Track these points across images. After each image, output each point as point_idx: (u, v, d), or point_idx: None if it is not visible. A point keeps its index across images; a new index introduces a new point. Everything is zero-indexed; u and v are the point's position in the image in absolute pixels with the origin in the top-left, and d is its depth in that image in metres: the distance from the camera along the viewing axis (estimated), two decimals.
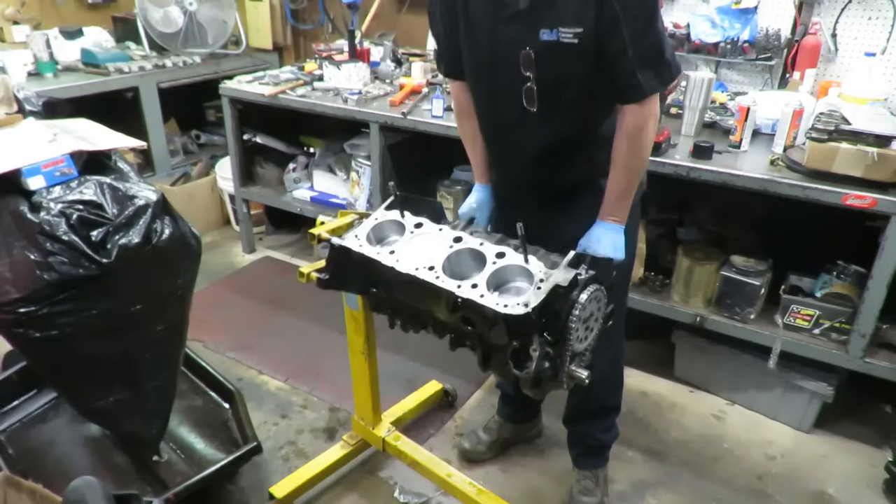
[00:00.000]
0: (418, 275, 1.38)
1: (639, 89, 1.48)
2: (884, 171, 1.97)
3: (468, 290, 1.33)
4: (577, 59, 1.46)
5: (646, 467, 2.29)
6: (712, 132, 2.50)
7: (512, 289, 1.37)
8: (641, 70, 1.45)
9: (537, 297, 1.27)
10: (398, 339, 1.97)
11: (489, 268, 1.36)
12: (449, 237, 1.45)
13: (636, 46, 1.43)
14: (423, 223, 1.51)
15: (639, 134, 1.55)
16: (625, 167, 1.57)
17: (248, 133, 3.51)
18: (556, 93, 1.52)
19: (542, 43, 1.46)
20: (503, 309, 1.28)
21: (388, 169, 2.98)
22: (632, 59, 1.44)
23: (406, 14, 3.90)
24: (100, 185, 1.69)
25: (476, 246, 1.41)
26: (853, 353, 2.19)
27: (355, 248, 1.48)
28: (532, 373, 1.33)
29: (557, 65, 1.48)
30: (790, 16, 2.83)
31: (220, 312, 3.13)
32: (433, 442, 2.38)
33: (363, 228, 1.53)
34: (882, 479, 2.21)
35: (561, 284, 1.28)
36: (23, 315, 1.60)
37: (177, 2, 3.74)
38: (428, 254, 1.42)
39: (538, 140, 1.62)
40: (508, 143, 1.69)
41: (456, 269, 1.40)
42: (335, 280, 1.59)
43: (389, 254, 1.45)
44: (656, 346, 2.81)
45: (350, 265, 1.53)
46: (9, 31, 3.69)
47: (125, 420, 1.92)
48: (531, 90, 1.52)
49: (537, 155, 1.65)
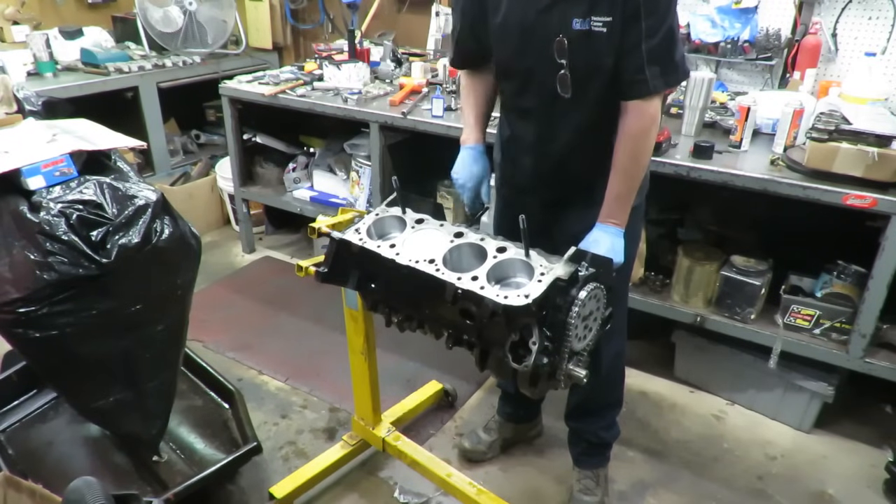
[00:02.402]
0: (418, 267, 1.39)
1: (644, 85, 1.51)
2: (884, 171, 1.96)
3: (468, 282, 1.33)
4: (605, 48, 1.50)
5: (646, 467, 2.29)
6: (712, 132, 2.50)
7: (512, 283, 1.37)
8: (650, 65, 1.49)
9: (538, 289, 1.28)
10: (398, 339, 1.97)
11: (490, 262, 1.37)
12: (450, 232, 1.45)
13: (650, 40, 1.47)
14: (425, 219, 1.51)
15: (639, 137, 1.56)
16: (623, 171, 1.59)
17: (248, 133, 3.51)
18: (587, 80, 1.56)
19: (575, 31, 1.50)
20: (503, 300, 1.28)
21: (388, 169, 2.97)
22: (643, 52, 1.48)
23: (406, 14, 3.90)
24: (100, 184, 1.69)
25: (477, 241, 1.41)
26: (853, 353, 2.19)
27: (356, 242, 1.49)
28: (530, 367, 1.32)
29: (588, 53, 1.52)
30: (790, 15, 2.83)
31: (220, 312, 3.13)
32: (433, 442, 2.38)
33: (364, 223, 1.54)
34: (882, 479, 2.21)
35: (562, 278, 1.28)
36: (22, 315, 1.60)
37: (177, 2, 3.74)
38: (429, 248, 1.43)
39: (568, 127, 1.64)
40: (537, 131, 1.70)
41: (456, 263, 1.41)
42: (334, 274, 1.59)
43: (390, 247, 1.45)
44: (656, 346, 2.81)
45: (350, 259, 1.53)
46: (9, 31, 3.69)
47: (125, 420, 1.92)
48: (565, 77, 1.55)
49: (564, 143, 1.67)
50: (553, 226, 1.77)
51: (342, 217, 1.75)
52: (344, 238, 1.51)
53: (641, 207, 1.81)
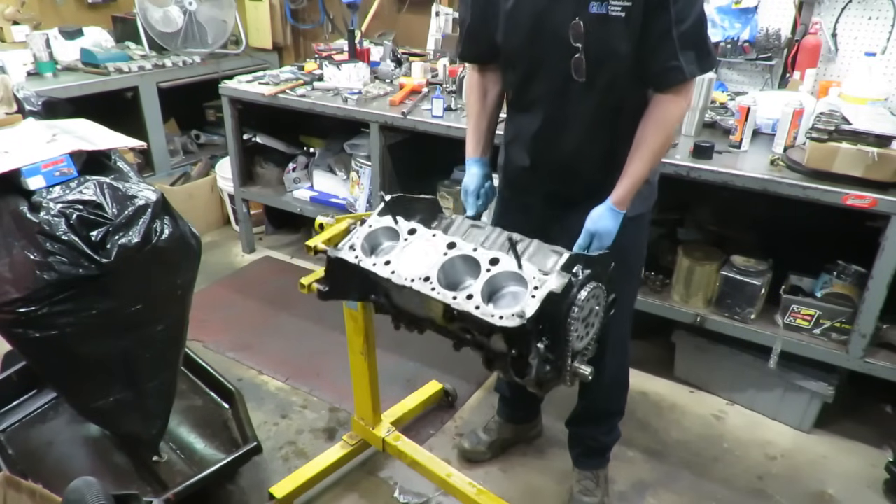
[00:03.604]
0: (414, 286, 1.38)
1: (679, 72, 1.48)
2: (884, 171, 1.96)
3: (463, 301, 1.32)
4: (621, 33, 1.48)
5: (646, 467, 2.29)
6: (712, 132, 2.50)
7: (507, 294, 1.36)
8: (683, 51, 1.46)
9: (532, 306, 1.27)
10: (398, 339, 1.97)
11: (483, 276, 1.35)
12: (442, 244, 1.44)
13: (680, 26, 1.44)
14: (417, 228, 1.50)
15: (674, 124, 1.56)
16: (652, 155, 1.56)
17: (248, 133, 3.51)
18: (601, 65, 1.53)
19: (592, 15, 1.48)
20: (499, 321, 1.27)
21: (388, 169, 2.97)
22: (676, 38, 1.45)
23: (406, 14, 3.90)
24: (99, 184, 1.69)
25: (469, 252, 1.40)
26: (853, 353, 2.19)
27: (351, 260, 1.48)
28: (533, 379, 1.33)
29: (603, 37, 1.49)
30: (790, 15, 2.83)
31: (220, 312, 3.13)
32: (433, 442, 2.38)
33: (358, 237, 1.52)
34: (882, 479, 2.21)
35: (555, 292, 1.27)
36: (22, 315, 1.60)
37: (177, 2, 3.74)
38: (423, 262, 1.41)
39: (580, 113, 1.62)
40: (548, 118, 1.67)
41: (451, 276, 1.40)
42: (335, 291, 1.60)
43: (385, 264, 1.44)
44: (656, 346, 2.81)
45: (348, 275, 1.53)
46: (9, 31, 3.69)
47: (125, 420, 1.92)
48: (580, 61, 1.53)
49: (569, 138, 1.65)
50: (552, 226, 1.74)
51: (338, 227, 1.70)
52: (339, 257, 1.50)
53: (648, 216, 1.81)
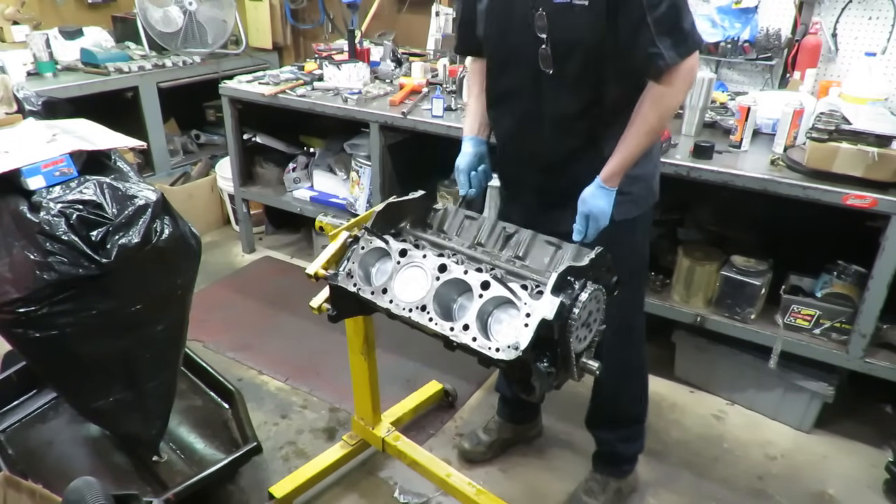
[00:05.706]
0: (412, 317, 1.41)
1: (660, 58, 1.46)
2: (884, 171, 1.96)
3: (461, 332, 1.34)
4: (586, 22, 1.47)
5: (646, 467, 2.28)
6: (713, 132, 2.50)
7: (504, 319, 1.36)
8: (660, 37, 1.44)
9: (526, 336, 1.27)
10: (398, 339, 1.97)
11: (477, 302, 1.36)
12: (433, 266, 1.44)
13: (653, 11, 1.42)
14: (407, 250, 1.50)
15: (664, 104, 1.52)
16: (638, 129, 1.54)
17: (248, 133, 3.51)
18: (568, 55, 1.53)
19: (556, 5, 1.48)
20: (495, 354, 1.29)
21: (388, 169, 2.97)
22: (651, 25, 1.43)
23: (406, 14, 3.90)
24: (99, 184, 1.69)
25: (461, 275, 1.41)
26: (853, 353, 2.19)
27: (350, 289, 1.51)
28: (538, 396, 1.35)
29: (567, 27, 1.49)
30: (790, 15, 2.84)
31: (220, 312, 3.13)
32: (433, 442, 2.38)
33: (353, 262, 1.54)
34: (882, 479, 2.21)
35: (547, 318, 1.27)
36: (22, 315, 1.60)
37: (177, 1, 3.74)
38: (417, 287, 1.43)
39: (551, 106, 1.61)
40: (524, 111, 1.67)
41: (445, 303, 1.42)
42: (343, 313, 1.64)
43: (383, 293, 1.46)
44: (656, 346, 2.80)
45: (350, 299, 1.55)
46: (9, 31, 3.69)
47: (125, 420, 1.92)
48: (546, 52, 1.53)
49: (551, 124, 1.63)
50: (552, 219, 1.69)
51: (334, 246, 1.63)
52: (339, 286, 1.53)
53: (648, 217, 1.80)
